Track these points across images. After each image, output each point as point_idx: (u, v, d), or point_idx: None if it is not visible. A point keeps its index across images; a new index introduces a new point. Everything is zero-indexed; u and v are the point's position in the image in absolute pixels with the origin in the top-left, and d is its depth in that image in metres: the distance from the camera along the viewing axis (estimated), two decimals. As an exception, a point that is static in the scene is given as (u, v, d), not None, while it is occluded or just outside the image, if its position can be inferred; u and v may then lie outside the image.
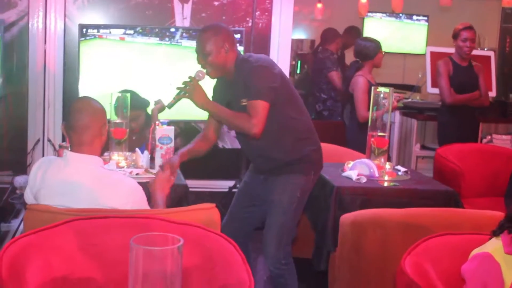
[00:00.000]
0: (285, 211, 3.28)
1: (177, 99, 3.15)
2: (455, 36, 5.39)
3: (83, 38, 4.98)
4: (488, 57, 6.84)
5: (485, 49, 8.00)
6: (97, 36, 4.99)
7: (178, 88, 3.13)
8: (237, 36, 4.68)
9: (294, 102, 3.33)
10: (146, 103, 4.38)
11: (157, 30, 5.11)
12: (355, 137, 4.99)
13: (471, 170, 4.46)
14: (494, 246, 2.09)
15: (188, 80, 3.13)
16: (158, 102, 4.35)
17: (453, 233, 2.40)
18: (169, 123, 3.64)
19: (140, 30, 5.07)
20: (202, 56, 3.18)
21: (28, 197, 2.69)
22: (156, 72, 5.12)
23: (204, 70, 3.21)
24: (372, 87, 4.07)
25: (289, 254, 3.31)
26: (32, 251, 2.04)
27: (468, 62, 5.47)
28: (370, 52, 5.16)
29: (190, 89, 3.10)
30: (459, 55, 5.42)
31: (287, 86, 3.29)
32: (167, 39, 5.14)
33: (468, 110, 5.49)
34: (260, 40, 5.81)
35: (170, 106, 3.18)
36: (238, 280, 1.99)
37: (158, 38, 5.12)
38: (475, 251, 2.13)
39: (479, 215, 3.03)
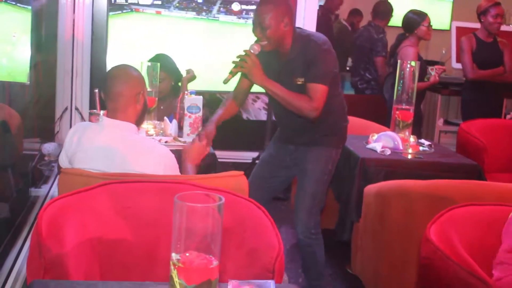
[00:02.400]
0: (317, 181, 3.32)
1: (234, 73, 3.08)
2: (484, 12, 5.36)
3: (119, 11, 5.00)
4: (513, 33, 6.80)
5: (511, 25, 7.93)
6: (133, 10, 5.01)
7: (234, 63, 3.06)
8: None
9: (336, 80, 3.31)
10: (175, 70, 4.21)
11: (194, 4, 5.11)
12: None
13: (494, 145, 4.47)
14: None
15: (244, 54, 3.06)
16: (189, 72, 4.22)
17: (477, 204, 2.44)
18: (196, 93, 3.69)
19: (177, 4, 5.08)
20: (261, 29, 3.08)
21: (63, 161, 2.75)
22: (192, 47, 5.11)
23: (259, 44, 3.09)
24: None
25: (318, 224, 3.36)
26: (69, 212, 2.08)
27: (493, 38, 5.46)
28: (412, 23, 5.20)
29: (249, 64, 3.04)
30: (487, 31, 5.40)
31: None
32: (204, 13, 5.13)
33: (492, 86, 5.48)
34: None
35: (227, 81, 3.08)
36: (268, 244, 2.03)
37: (195, 13, 5.11)
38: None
39: (502, 188, 3.05)
